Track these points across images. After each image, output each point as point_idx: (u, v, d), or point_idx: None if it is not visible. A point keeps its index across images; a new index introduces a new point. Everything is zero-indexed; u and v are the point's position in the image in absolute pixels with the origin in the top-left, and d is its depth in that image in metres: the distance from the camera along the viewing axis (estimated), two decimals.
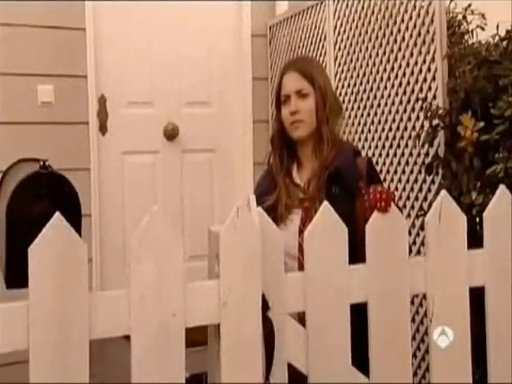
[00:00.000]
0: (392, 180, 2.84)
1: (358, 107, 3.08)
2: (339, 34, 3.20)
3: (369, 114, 3.00)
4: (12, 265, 2.38)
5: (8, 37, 3.46)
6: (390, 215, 1.50)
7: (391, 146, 2.85)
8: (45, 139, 3.53)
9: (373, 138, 2.97)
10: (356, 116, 3.10)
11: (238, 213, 1.36)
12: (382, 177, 2.90)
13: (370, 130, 3.00)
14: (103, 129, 3.71)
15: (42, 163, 2.53)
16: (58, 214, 1.19)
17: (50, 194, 2.41)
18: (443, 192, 1.52)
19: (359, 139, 3.07)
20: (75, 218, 2.59)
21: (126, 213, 3.72)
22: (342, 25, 3.17)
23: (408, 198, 2.73)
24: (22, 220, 2.34)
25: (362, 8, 2.99)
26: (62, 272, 1.17)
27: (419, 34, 2.62)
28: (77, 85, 3.60)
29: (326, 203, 1.48)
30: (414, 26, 2.64)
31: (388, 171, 2.86)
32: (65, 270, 1.18)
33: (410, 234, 2.55)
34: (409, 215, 2.70)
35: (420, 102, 2.62)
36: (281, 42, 3.90)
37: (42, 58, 3.53)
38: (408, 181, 2.73)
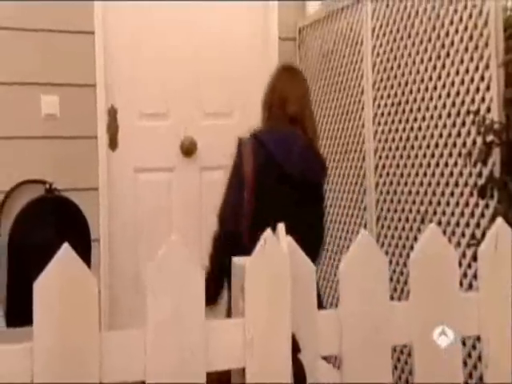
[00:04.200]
0: (439, 203, 2.83)
1: (400, 120, 3.08)
2: (378, 37, 3.22)
3: (412, 129, 3.00)
4: (14, 300, 2.42)
5: (7, 42, 3.54)
6: (437, 244, 1.50)
7: (437, 165, 2.84)
8: (49, 155, 3.59)
9: (416, 156, 2.97)
10: (397, 130, 3.10)
11: (266, 243, 1.37)
12: (427, 199, 2.91)
13: (412, 147, 3.00)
14: (113, 144, 3.76)
15: (47, 186, 2.58)
16: (66, 244, 1.21)
17: (56, 221, 2.46)
18: (499, 219, 1.52)
19: (400, 156, 3.07)
20: (84, 247, 2.64)
21: (139, 237, 3.75)
22: (381, 27, 3.19)
23: (457, 224, 2.72)
24: (26, 249, 2.38)
25: (405, 8, 3.00)
26: (70, 310, 1.19)
27: (471, 38, 2.62)
28: (84, 95, 3.67)
29: (363, 232, 1.49)
30: (465, 29, 2.64)
31: (434, 193, 2.86)
32: (73, 307, 1.19)
33: (460, 265, 2.53)
34: (459, 244, 2.69)
35: (472, 116, 2.62)
36: (312, 45, 3.93)
37: (45, 65, 3.60)
38: (458, 204, 2.72)
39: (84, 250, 2.71)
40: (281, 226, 1.60)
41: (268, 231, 1.43)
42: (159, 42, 3.84)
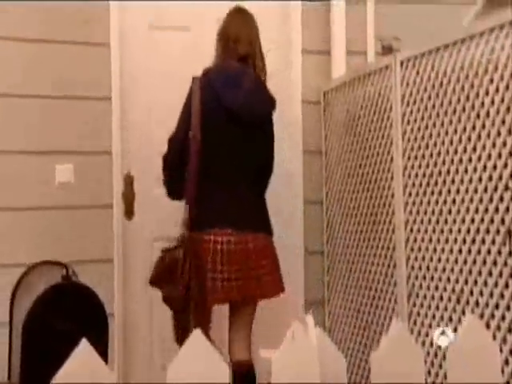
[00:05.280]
0: (475, 283, 2.71)
1: (432, 192, 2.99)
2: (408, 104, 3.15)
3: (445, 202, 2.91)
4: None
5: (17, 109, 3.52)
6: (477, 336, 1.41)
7: (473, 241, 2.73)
8: (62, 225, 3.55)
9: (450, 231, 2.86)
10: (429, 203, 3.01)
11: (294, 335, 1.34)
12: (463, 277, 2.80)
13: (446, 221, 2.90)
14: (129, 212, 3.70)
15: (64, 272, 2.57)
16: (84, 341, 1.20)
17: (73, 311, 2.43)
18: None
19: (433, 230, 2.97)
20: (101, 338, 2.60)
21: (155, 313, 3.66)
22: (411, 94, 3.12)
23: (497, 306, 2.60)
24: (43, 338, 2.35)
25: (436, 76, 2.94)
26: None
27: (508, 110, 2.54)
28: (99, 162, 3.63)
29: (396, 323, 1.42)
30: (502, 101, 2.56)
31: (470, 272, 2.74)
32: None
33: (500, 350, 2.41)
34: (498, 328, 2.57)
35: (510, 191, 2.53)
36: (337, 110, 3.88)
37: (59, 133, 3.58)
38: (496, 285, 2.60)
39: (101, 340, 2.67)
40: (310, 319, 1.53)
41: (296, 323, 1.37)
42: (176, 107, 3.79)
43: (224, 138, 3.06)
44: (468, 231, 2.78)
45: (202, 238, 2.97)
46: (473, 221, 2.75)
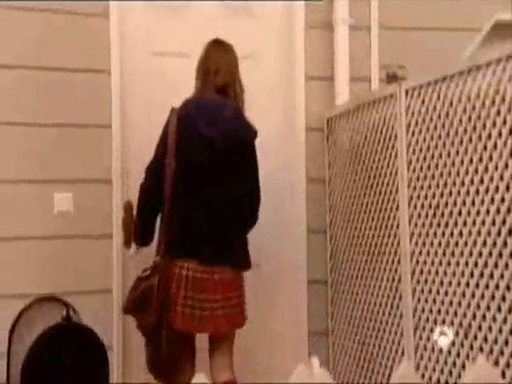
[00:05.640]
0: (484, 318, 2.65)
1: (438, 224, 2.95)
2: (413, 134, 3.12)
3: (452, 234, 2.86)
4: None
5: (14, 137, 3.51)
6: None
7: (481, 275, 2.68)
8: (61, 255, 3.52)
9: (457, 263, 2.82)
10: (435, 234, 2.96)
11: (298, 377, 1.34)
12: (470, 312, 2.75)
13: (453, 253, 2.85)
14: (129, 242, 3.65)
15: (64, 313, 2.55)
16: None
17: (73, 351, 2.41)
18: None
19: (440, 263, 2.93)
20: (101, 374, 2.58)
21: None
22: (416, 124, 3.09)
23: (506, 343, 2.54)
24: (43, 379, 2.33)
25: (442, 106, 2.91)
26: None
27: None
28: (99, 190, 3.61)
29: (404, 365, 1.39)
30: (510, 132, 2.53)
31: (478, 306, 2.69)
32: None
33: None
34: (507, 365, 2.52)
35: None
36: (341, 137, 3.85)
37: (58, 161, 3.56)
38: (505, 322, 2.55)
39: (101, 377, 2.64)
40: (315, 361, 1.51)
41: (301, 366, 1.35)
42: None
43: (201, 166, 3.06)
44: (476, 265, 2.74)
45: (172, 265, 3.02)
46: (480, 254, 2.71)
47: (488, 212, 2.66)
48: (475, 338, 2.72)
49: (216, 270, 3.04)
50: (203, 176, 3.07)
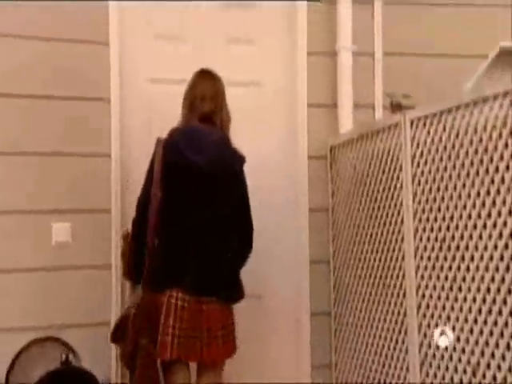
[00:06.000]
0: (493, 356, 2.59)
1: (445, 258, 2.89)
2: (419, 165, 3.07)
3: (458, 268, 2.81)
4: None
5: (12, 166, 3.48)
6: None
7: (490, 312, 2.62)
8: (59, 286, 3.49)
9: (464, 299, 2.76)
10: (442, 268, 2.90)
11: None
12: (478, 349, 2.69)
13: (460, 288, 2.79)
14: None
15: (63, 357, 2.53)
16: None
17: None
18: None
19: (446, 298, 2.87)
20: None
21: None
22: (422, 155, 3.05)
23: None
24: None
25: (448, 137, 2.87)
26: None
27: None
28: (98, 220, 3.57)
29: None
30: None
31: (487, 343, 2.63)
32: None
33: None
34: None
35: None
36: (344, 166, 3.81)
37: (56, 190, 3.52)
38: None
39: None
40: None
41: None
42: None
43: (188, 194, 3.04)
44: (484, 301, 2.68)
45: (160, 295, 2.97)
46: (488, 290, 2.65)
47: (496, 247, 2.61)
48: (483, 376, 2.67)
49: (204, 300, 2.99)
50: (192, 206, 3.04)
